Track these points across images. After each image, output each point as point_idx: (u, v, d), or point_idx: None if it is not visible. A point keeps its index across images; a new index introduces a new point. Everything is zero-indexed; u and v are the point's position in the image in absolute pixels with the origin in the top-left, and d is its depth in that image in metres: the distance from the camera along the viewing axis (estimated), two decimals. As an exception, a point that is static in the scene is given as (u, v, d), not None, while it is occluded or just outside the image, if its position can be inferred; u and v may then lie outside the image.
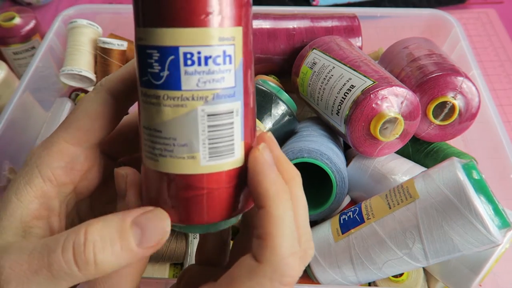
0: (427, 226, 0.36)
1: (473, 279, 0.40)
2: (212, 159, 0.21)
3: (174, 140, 0.21)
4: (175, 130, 0.20)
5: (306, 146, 0.45)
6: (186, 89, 0.20)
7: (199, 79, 0.20)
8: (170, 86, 0.20)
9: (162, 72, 0.20)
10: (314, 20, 0.61)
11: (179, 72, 0.20)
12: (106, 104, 0.24)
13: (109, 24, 0.69)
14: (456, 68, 0.49)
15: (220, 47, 0.20)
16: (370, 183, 0.49)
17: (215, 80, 0.20)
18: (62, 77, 0.64)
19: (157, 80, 0.20)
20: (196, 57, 0.20)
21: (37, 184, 0.23)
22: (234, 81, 0.21)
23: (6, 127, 0.53)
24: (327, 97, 0.49)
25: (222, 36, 0.20)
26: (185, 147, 0.21)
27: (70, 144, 0.24)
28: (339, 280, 0.42)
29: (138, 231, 0.21)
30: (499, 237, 0.34)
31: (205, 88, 0.20)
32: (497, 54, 0.84)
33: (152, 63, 0.20)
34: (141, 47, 0.21)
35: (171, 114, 0.20)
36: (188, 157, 0.21)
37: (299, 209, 0.22)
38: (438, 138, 0.51)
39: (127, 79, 0.25)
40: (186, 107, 0.20)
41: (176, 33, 0.19)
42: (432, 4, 0.89)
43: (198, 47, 0.20)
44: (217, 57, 0.20)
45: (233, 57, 0.20)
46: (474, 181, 0.35)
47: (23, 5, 0.91)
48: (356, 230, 0.40)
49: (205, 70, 0.20)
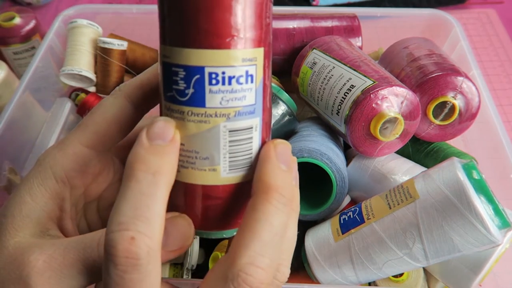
0: (427, 226, 0.36)
1: (473, 279, 0.40)
2: (231, 172, 0.22)
3: (197, 153, 0.22)
4: (198, 144, 0.22)
5: (306, 146, 0.45)
6: (210, 107, 0.21)
7: (222, 97, 0.21)
8: (194, 103, 0.21)
9: (187, 89, 0.21)
10: (314, 20, 0.61)
11: (204, 91, 0.21)
12: (124, 109, 0.25)
13: (109, 24, 0.69)
14: (456, 68, 0.49)
15: (243, 67, 0.21)
16: (370, 183, 0.49)
17: (237, 98, 0.21)
18: (62, 77, 0.64)
19: (182, 96, 0.21)
20: (221, 77, 0.21)
21: (51, 185, 0.23)
22: (255, 99, 0.22)
23: (6, 127, 0.53)
24: (327, 97, 0.49)
25: (245, 57, 0.21)
26: (206, 160, 0.22)
27: (85, 147, 0.24)
28: (339, 280, 0.42)
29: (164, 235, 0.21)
30: (499, 237, 0.34)
31: (228, 106, 0.21)
32: (497, 54, 0.84)
33: (178, 81, 0.21)
34: (166, 64, 0.22)
35: (195, 129, 0.21)
36: (209, 170, 0.22)
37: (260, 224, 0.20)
38: (438, 138, 0.51)
39: (145, 86, 0.25)
40: (209, 123, 0.21)
41: (202, 54, 0.20)
42: (432, 4, 0.89)
43: (223, 68, 0.21)
44: (240, 77, 0.21)
45: (254, 77, 0.22)
46: (474, 181, 0.35)
47: (23, 5, 0.91)
48: (356, 230, 0.40)
49: (229, 89, 0.21)
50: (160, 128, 0.21)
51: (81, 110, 0.63)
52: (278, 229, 0.20)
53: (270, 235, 0.20)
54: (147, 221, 0.18)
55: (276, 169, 0.21)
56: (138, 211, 0.18)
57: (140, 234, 0.18)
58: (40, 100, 0.62)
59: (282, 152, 0.22)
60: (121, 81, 0.66)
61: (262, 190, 0.20)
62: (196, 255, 0.49)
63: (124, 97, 0.25)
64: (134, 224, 0.18)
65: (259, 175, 0.21)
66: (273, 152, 0.21)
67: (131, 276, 0.18)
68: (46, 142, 0.59)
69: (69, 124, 0.63)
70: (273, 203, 0.20)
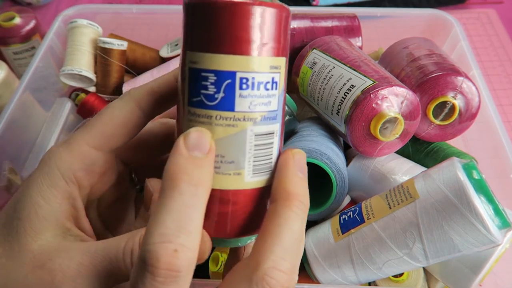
0: (427, 226, 0.36)
1: (473, 279, 0.40)
2: (255, 176, 0.23)
3: (222, 157, 0.22)
4: (224, 148, 0.22)
5: (306, 146, 0.45)
6: (239, 111, 0.22)
7: (251, 102, 0.22)
8: (224, 107, 0.22)
9: (217, 94, 0.22)
10: (314, 20, 0.61)
11: (234, 95, 0.22)
12: (133, 114, 0.25)
13: (109, 24, 0.69)
14: (456, 68, 0.49)
15: (270, 74, 0.22)
16: (370, 183, 0.49)
17: (264, 103, 0.22)
18: (62, 77, 0.64)
19: (211, 101, 0.22)
20: (251, 82, 0.22)
21: (61, 186, 0.24)
22: (277, 105, 0.23)
23: (6, 127, 0.53)
24: (327, 97, 0.49)
25: (272, 65, 0.22)
26: (232, 164, 0.22)
27: (91, 148, 0.25)
28: (339, 280, 0.42)
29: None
30: (499, 237, 0.34)
31: (255, 110, 0.22)
32: (497, 54, 0.84)
33: (207, 85, 0.22)
34: (194, 70, 0.22)
35: (222, 133, 0.22)
36: (234, 174, 0.22)
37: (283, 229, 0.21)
38: (438, 138, 0.51)
39: (156, 93, 0.26)
40: (237, 127, 0.22)
41: (235, 59, 0.21)
42: (432, 4, 0.89)
43: (253, 73, 0.22)
44: (267, 83, 0.22)
45: (278, 84, 0.23)
46: (474, 181, 0.35)
47: (23, 5, 0.91)
48: (356, 230, 0.40)
49: (257, 94, 0.22)
50: (197, 139, 0.21)
51: (81, 110, 0.63)
52: (297, 234, 0.21)
53: (291, 240, 0.21)
54: (190, 234, 0.19)
55: (295, 176, 0.22)
56: (182, 224, 0.19)
57: (183, 247, 0.18)
58: (40, 100, 0.62)
59: (299, 161, 0.23)
60: (121, 81, 0.66)
61: (284, 197, 0.21)
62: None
63: (134, 102, 0.25)
64: (178, 237, 0.18)
65: (281, 183, 0.22)
66: (292, 160, 0.23)
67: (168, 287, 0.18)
68: (46, 142, 0.59)
69: (69, 124, 0.63)
70: (294, 210, 0.21)
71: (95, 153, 0.25)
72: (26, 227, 0.22)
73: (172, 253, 0.18)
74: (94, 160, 0.25)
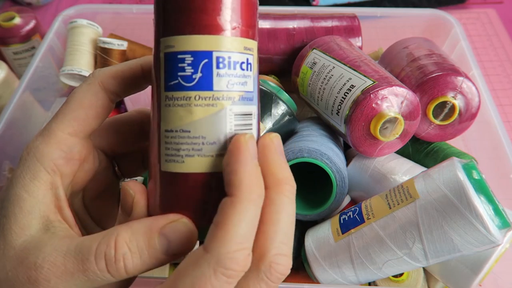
0: (427, 226, 0.36)
1: (473, 279, 0.40)
2: None
3: (204, 138, 0.22)
4: (204, 128, 0.22)
5: (306, 146, 0.45)
6: (217, 90, 0.22)
7: (228, 81, 0.22)
8: (202, 87, 0.22)
9: (194, 74, 0.22)
10: (314, 20, 0.61)
11: (211, 74, 0.22)
12: (98, 95, 0.26)
13: (109, 24, 0.69)
14: (456, 68, 0.49)
15: (245, 55, 0.23)
16: (370, 183, 0.49)
17: (241, 83, 0.23)
18: (62, 77, 0.64)
19: (188, 82, 0.22)
20: (227, 61, 0.22)
21: (43, 177, 0.24)
22: (253, 86, 0.23)
23: (6, 127, 0.53)
24: (327, 97, 0.49)
25: (246, 46, 0.23)
26: (214, 145, 0.22)
27: (67, 134, 0.25)
28: (339, 280, 0.42)
29: (165, 242, 0.22)
30: (499, 237, 0.34)
31: (233, 90, 0.22)
32: (497, 54, 0.84)
33: (184, 67, 0.22)
34: (170, 54, 0.23)
35: (202, 113, 0.22)
36: (216, 155, 0.22)
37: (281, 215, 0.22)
38: (438, 138, 0.51)
39: (119, 77, 0.26)
40: (216, 106, 0.22)
41: (211, 39, 0.22)
42: (432, 4, 0.89)
43: (229, 53, 0.22)
44: (242, 63, 0.23)
45: (252, 65, 0.23)
46: (474, 181, 0.35)
47: (23, 5, 0.91)
48: (356, 230, 0.40)
49: (234, 73, 0.22)
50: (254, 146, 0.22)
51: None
52: (292, 217, 0.22)
53: (287, 224, 0.22)
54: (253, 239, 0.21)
55: (280, 161, 0.22)
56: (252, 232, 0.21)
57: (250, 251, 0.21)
58: (40, 100, 0.62)
59: (279, 145, 0.23)
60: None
61: (276, 184, 0.22)
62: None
63: (98, 84, 0.26)
64: (250, 243, 0.21)
65: (269, 170, 0.22)
66: (273, 145, 0.23)
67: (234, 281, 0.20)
68: (46, 142, 0.59)
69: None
70: (286, 194, 0.22)
71: (71, 139, 0.25)
72: (12, 224, 0.23)
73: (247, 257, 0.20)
74: (71, 146, 0.25)
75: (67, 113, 0.25)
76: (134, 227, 0.22)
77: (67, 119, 0.25)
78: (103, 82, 0.26)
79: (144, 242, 0.21)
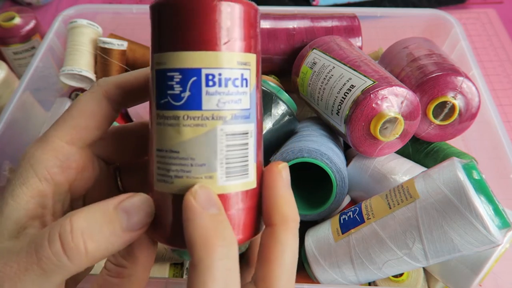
0: (427, 226, 0.36)
1: (473, 279, 0.40)
2: (228, 179, 0.22)
3: (193, 160, 0.21)
4: (194, 150, 0.21)
5: (306, 146, 0.45)
6: (207, 109, 0.21)
7: (219, 99, 0.21)
8: (190, 106, 0.21)
9: (183, 93, 0.21)
10: (314, 20, 0.61)
11: (200, 93, 0.21)
12: (101, 104, 0.25)
13: (109, 24, 0.69)
14: (456, 68, 0.49)
15: (238, 70, 0.21)
16: (370, 183, 0.49)
17: (233, 101, 0.21)
18: (62, 77, 0.64)
19: (177, 101, 0.21)
20: (217, 79, 0.21)
21: (32, 183, 0.23)
22: (249, 103, 0.22)
23: (6, 127, 0.53)
24: (327, 97, 0.49)
25: (240, 61, 0.22)
26: (203, 166, 0.21)
27: (64, 143, 0.24)
28: (339, 280, 0.42)
29: (124, 216, 0.21)
30: (499, 237, 0.34)
31: (224, 108, 0.21)
32: (497, 54, 0.84)
33: (173, 85, 0.21)
34: (160, 71, 0.22)
35: (191, 133, 0.21)
36: (205, 177, 0.21)
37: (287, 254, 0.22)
38: (438, 138, 0.51)
39: (123, 87, 0.26)
40: (206, 126, 0.21)
41: (199, 56, 0.21)
42: (432, 4, 0.89)
43: (219, 69, 0.21)
44: (236, 79, 0.21)
45: (249, 81, 0.22)
46: (474, 181, 0.35)
47: (23, 5, 0.91)
48: (356, 230, 0.40)
49: (225, 91, 0.21)
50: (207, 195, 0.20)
51: (81, 110, 0.63)
52: (296, 252, 0.22)
53: (292, 261, 0.22)
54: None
55: (288, 196, 0.22)
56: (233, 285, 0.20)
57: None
58: (40, 100, 0.62)
59: (287, 177, 0.23)
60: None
61: (282, 221, 0.22)
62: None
63: (101, 93, 0.25)
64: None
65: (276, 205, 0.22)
66: (280, 178, 0.22)
67: None
68: (46, 142, 0.59)
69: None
70: (292, 232, 0.22)
71: (68, 147, 0.24)
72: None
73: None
74: (68, 155, 0.24)
75: (67, 121, 0.25)
76: (91, 206, 0.21)
77: (66, 127, 0.24)
78: (107, 91, 0.25)
79: (102, 217, 0.20)
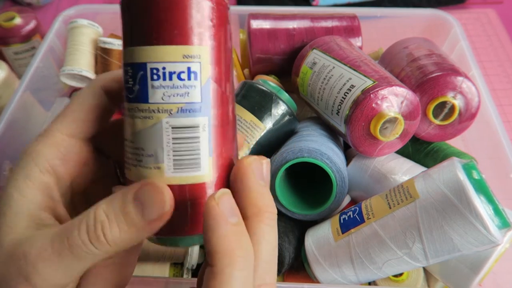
0: (427, 226, 0.36)
1: (473, 278, 0.40)
2: (176, 171, 0.22)
3: (143, 150, 0.22)
4: (143, 140, 0.22)
5: (306, 146, 0.45)
6: (153, 102, 0.22)
7: (164, 93, 0.21)
8: (139, 100, 0.22)
9: (134, 86, 0.22)
10: (314, 20, 0.61)
11: (146, 86, 0.22)
12: (100, 98, 0.26)
13: (110, 24, 0.69)
14: (456, 68, 0.49)
15: (184, 64, 0.22)
16: (370, 183, 0.49)
17: (179, 94, 0.22)
18: (62, 77, 0.64)
19: (131, 94, 0.22)
20: (161, 72, 0.21)
21: (36, 176, 0.24)
22: (201, 97, 0.22)
23: (6, 127, 0.53)
24: (327, 97, 0.49)
25: (187, 54, 0.22)
26: (151, 157, 0.22)
27: (65, 136, 0.25)
28: (339, 280, 0.42)
29: (139, 205, 0.21)
30: (499, 237, 0.34)
31: (170, 102, 0.22)
32: (497, 54, 0.84)
33: (128, 79, 0.22)
34: (123, 66, 0.23)
35: (141, 125, 0.22)
36: (154, 167, 0.22)
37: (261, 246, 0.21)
38: (438, 138, 0.51)
39: (121, 81, 0.26)
40: (152, 119, 0.22)
41: (144, 50, 0.22)
42: (432, 4, 0.89)
43: (163, 63, 0.21)
44: (181, 72, 0.21)
45: (199, 74, 0.22)
46: (474, 181, 0.35)
47: (23, 5, 0.91)
48: (356, 230, 0.40)
49: (170, 84, 0.21)
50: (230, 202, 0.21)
51: (81, 110, 0.63)
52: (273, 244, 0.22)
53: (269, 252, 0.21)
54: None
55: (259, 187, 0.22)
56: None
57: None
58: (40, 100, 0.62)
59: (257, 169, 0.22)
60: (121, 81, 0.66)
61: (255, 213, 0.21)
62: (196, 255, 0.49)
63: (100, 87, 0.26)
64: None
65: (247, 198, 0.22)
66: (250, 170, 0.22)
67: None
68: (46, 142, 0.59)
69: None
70: (267, 222, 0.21)
71: (69, 140, 0.25)
72: (1, 223, 0.23)
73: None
74: (68, 148, 0.25)
75: (67, 115, 0.25)
76: (112, 197, 0.22)
77: (67, 121, 0.25)
78: (105, 85, 0.26)
79: (119, 208, 0.21)
